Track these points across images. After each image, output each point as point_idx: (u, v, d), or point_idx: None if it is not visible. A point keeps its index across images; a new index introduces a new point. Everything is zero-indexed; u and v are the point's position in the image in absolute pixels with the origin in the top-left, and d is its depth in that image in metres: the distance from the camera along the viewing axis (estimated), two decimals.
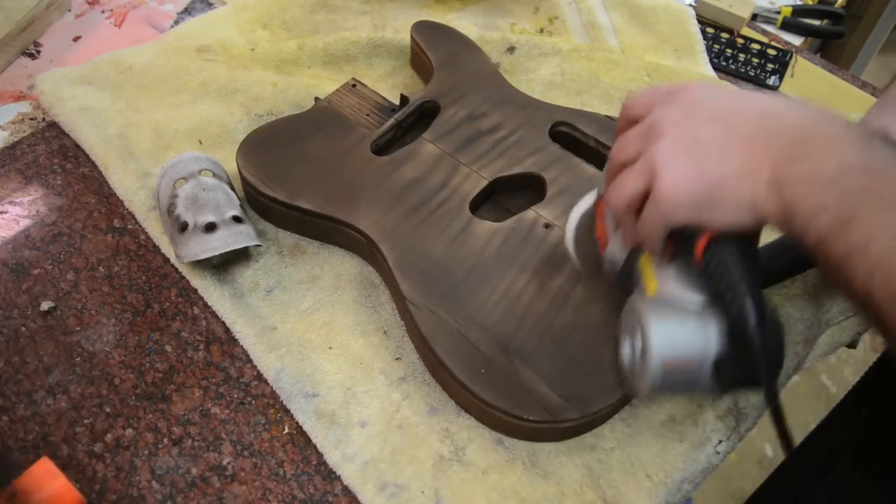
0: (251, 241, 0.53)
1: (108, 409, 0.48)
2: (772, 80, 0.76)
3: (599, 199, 0.47)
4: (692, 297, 0.39)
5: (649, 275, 0.42)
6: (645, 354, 0.39)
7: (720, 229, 0.36)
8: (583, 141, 0.62)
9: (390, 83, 0.71)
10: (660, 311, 0.39)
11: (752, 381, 0.38)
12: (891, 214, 0.29)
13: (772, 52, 0.79)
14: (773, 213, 0.34)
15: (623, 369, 0.43)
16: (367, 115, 0.64)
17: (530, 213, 0.55)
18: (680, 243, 0.39)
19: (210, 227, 0.52)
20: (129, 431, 0.47)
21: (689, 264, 0.39)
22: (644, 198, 0.38)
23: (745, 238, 0.37)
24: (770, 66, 0.78)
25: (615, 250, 0.45)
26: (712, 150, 0.35)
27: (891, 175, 0.30)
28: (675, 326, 0.38)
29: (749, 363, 0.35)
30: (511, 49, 0.73)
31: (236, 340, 0.51)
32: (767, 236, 0.45)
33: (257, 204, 0.57)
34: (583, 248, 0.49)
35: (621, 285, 0.46)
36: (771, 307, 0.36)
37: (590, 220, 0.48)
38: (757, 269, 0.37)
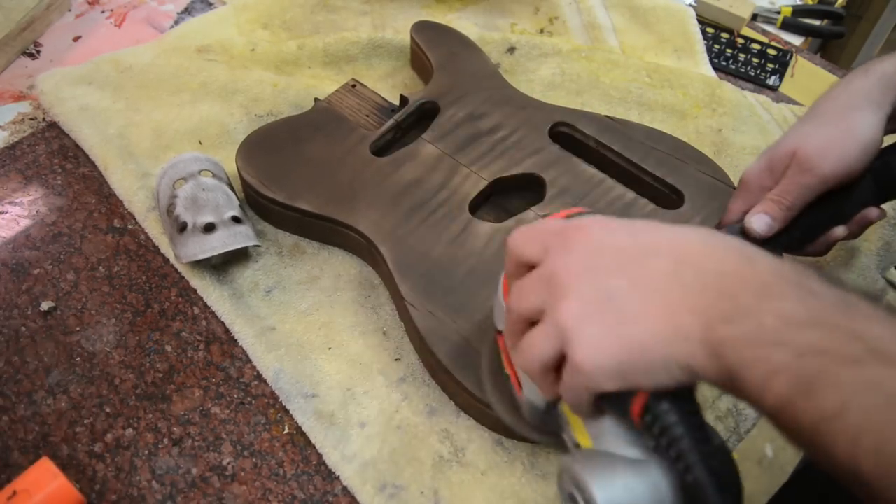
0: (250, 242, 0.53)
1: (108, 409, 0.48)
2: (772, 80, 0.76)
3: (500, 333, 0.42)
4: (633, 453, 0.35)
5: (579, 428, 0.38)
6: None
7: (652, 390, 0.32)
8: (583, 141, 0.62)
9: (390, 83, 0.71)
10: (605, 475, 0.35)
11: None
12: (859, 372, 0.26)
13: (772, 52, 0.79)
14: (714, 376, 0.30)
15: None
16: (367, 115, 0.64)
17: (530, 214, 0.55)
18: (610, 402, 0.35)
19: (209, 228, 0.52)
20: (129, 431, 0.47)
21: (624, 418, 0.35)
22: (558, 359, 0.34)
23: (683, 392, 0.33)
24: (770, 66, 0.78)
25: (532, 396, 0.40)
26: (627, 309, 0.32)
27: (842, 325, 0.27)
28: (625, 492, 0.34)
29: None
30: (511, 49, 0.73)
31: (236, 340, 0.51)
32: None
33: (257, 205, 0.57)
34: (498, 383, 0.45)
35: (545, 429, 0.42)
36: (721, 448, 0.34)
37: (497, 354, 0.44)
38: (700, 422, 0.34)
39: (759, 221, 0.50)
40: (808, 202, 0.50)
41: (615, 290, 0.32)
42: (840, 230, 0.52)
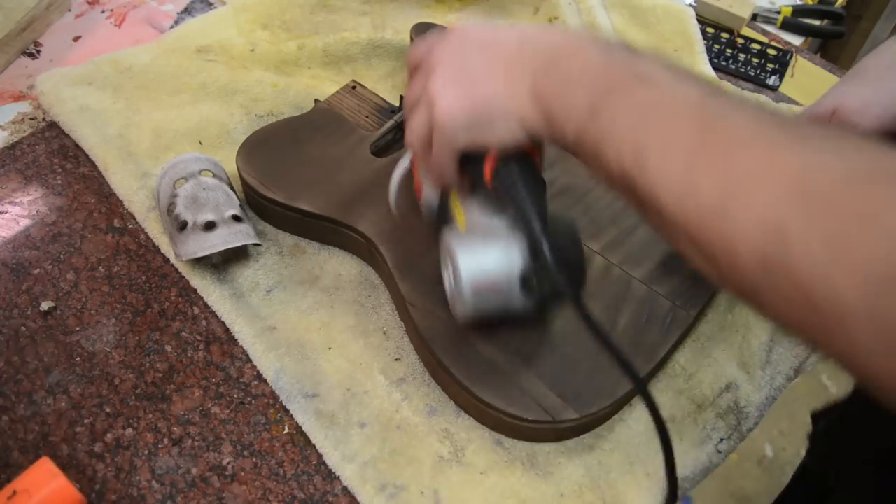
0: (250, 240, 0.53)
1: (108, 409, 0.48)
2: (772, 80, 0.76)
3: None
4: (496, 222, 0.43)
5: (458, 210, 0.46)
6: (457, 281, 0.42)
7: (499, 147, 0.40)
8: None
9: (390, 84, 0.71)
10: (466, 239, 0.43)
11: (557, 293, 0.42)
12: (627, 97, 0.33)
13: (772, 52, 0.79)
14: (537, 123, 0.37)
15: (448, 299, 0.46)
16: (367, 116, 0.64)
17: None
18: (473, 172, 0.42)
19: (209, 226, 0.52)
20: (129, 431, 0.47)
21: (487, 192, 0.43)
22: (431, 131, 0.41)
23: (525, 155, 0.40)
24: (770, 66, 0.78)
25: (429, 194, 0.49)
26: (479, 76, 0.39)
27: (625, 66, 0.34)
28: (480, 252, 0.42)
29: (551, 275, 0.38)
30: None
31: (236, 340, 0.51)
32: None
33: (257, 205, 0.57)
34: (404, 203, 0.53)
35: (439, 227, 0.49)
36: (566, 218, 0.41)
37: (409, 177, 0.52)
38: (540, 184, 0.41)
39: None
40: None
41: (471, 65, 0.39)
42: None
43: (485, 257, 0.42)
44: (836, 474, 0.61)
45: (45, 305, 0.52)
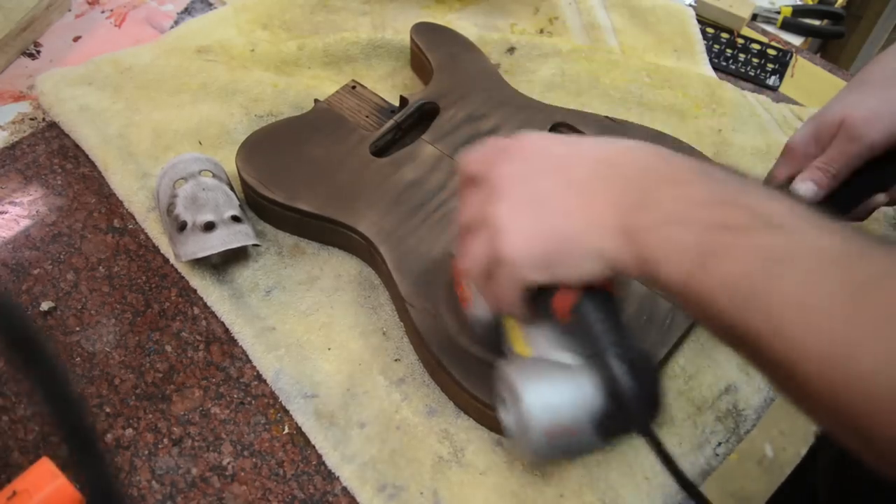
0: (250, 241, 0.53)
1: (108, 409, 0.48)
2: (772, 80, 0.76)
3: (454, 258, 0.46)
4: (565, 359, 0.37)
5: (517, 337, 0.41)
6: (526, 426, 0.37)
7: (575, 284, 0.35)
8: None
9: (390, 84, 0.71)
10: (534, 377, 0.37)
11: (632, 430, 0.37)
12: (749, 241, 0.29)
13: (772, 52, 0.79)
14: (627, 263, 0.33)
15: (505, 431, 0.40)
16: (367, 116, 0.64)
17: None
18: (541, 303, 0.37)
19: (209, 227, 0.52)
20: (129, 431, 0.47)
21: (557, 325, 0.38)
22: (493, 259, 0.36)
23: (603, 290, 0.36)
24: (770, 66, 0.78)
25: (479, 311, 0.44)
26: (550, 204, 0.34)
27: (739, 202, 0.30)
28: (553, 394, 0.36)
29: (628, 415, 0.35)
30: (511, 50, 0.73)
31: (236, 341, 0.52)
32: None
33: (257, 205, 0.57)
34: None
35: (492, 346, 0.45)
36: (642, 354, 0.36)
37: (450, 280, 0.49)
38: (619, 320, 0.36)
39: (806, 188, 0.51)
40: (854, 170, 0.50)
41: (543, 191, 0.35)
42: (882, 197, 0.53)
43: (559, 402, 0.36)
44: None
45: (45, 305, 0.52)
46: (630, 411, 0.34)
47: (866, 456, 0.26)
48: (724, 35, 0.81)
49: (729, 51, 0.79)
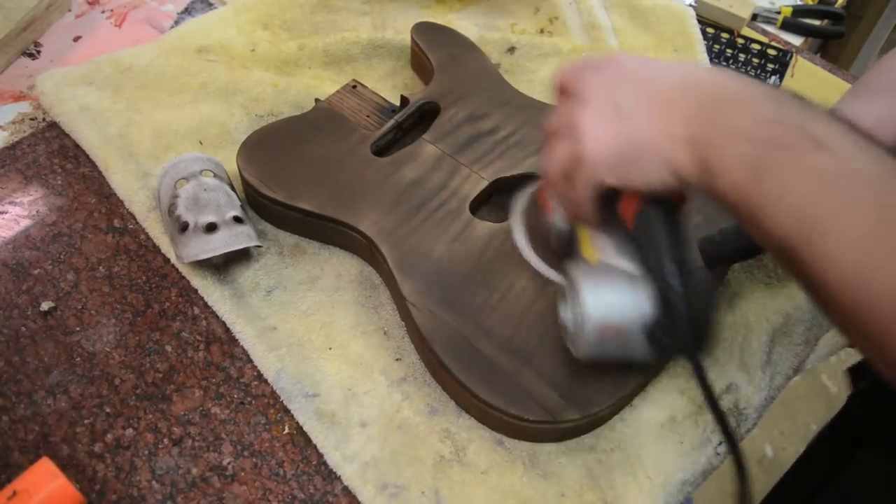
0: (252, 242, 0.53)
1: (108, 409, 0.48)
2: (772, 81, 0.76)
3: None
4: (627, 266, 0.41)
5: (587, 244, 0.45)
6: (581, 320, 0.41)
7: (644, 189, 0.38)
8: None
9: (390, 84, 0.71)
10: (595, 278, 0.41)
11: (678, 350, 0.40)
12: (797, 160, 0.31)
13: (772, 52, 0.79)
14: (690, 171, 0.35)
15: (564, 332, 0.45)
16: (368, 116, 0.64)
17: None
18: (610, 210, 0.40)
19: (211, 228, 0.52)
20: (130, 431, 0.47)
21: (623, 233, 0.41)
22: (573, 162, 0.40)
23: (671, 204, 0.39)
24: (770, 66, 0.78)
25: (558, 221, 0.48)
26: (631, 113, 0.37)
27: (798, 124, 0.32)
28: (610, 293, 0.40)
29: (678, 330, 0.37)
30: (511, 49, 0.73)
31: (236, 340, 0.51)
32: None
33: (258, 205, 0.57)
34: (528, 229, 0.53)
35: (563, 255, 0.49)
36: (700, 272, 0.39)
37: (534, 203, 0.52)
38: (681, 235, 0.39)
39: None
40: None
41: (626, 103, 0.37)
42: None
43: (615, 301, 0.40)
44: (868, 429, 0.60)
45: (45, 305, 0.52)
46: (678, 323, 0.36)
47: (882, 366, 0.28)
48: (725, 35, 0.81)
49: (729, 51, 0.79)
